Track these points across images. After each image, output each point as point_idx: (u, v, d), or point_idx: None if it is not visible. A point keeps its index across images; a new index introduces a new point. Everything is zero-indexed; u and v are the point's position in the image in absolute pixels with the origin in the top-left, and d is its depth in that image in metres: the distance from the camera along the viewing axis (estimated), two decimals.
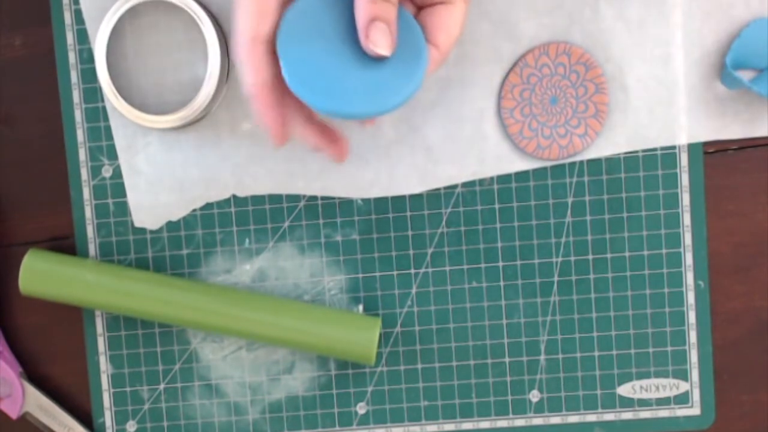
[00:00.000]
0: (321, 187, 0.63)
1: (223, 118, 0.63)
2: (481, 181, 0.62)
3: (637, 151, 0.62)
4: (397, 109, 0.53)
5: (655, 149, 0.62)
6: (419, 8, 0.53)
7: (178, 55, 0.62)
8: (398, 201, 0.63)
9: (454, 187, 0.63)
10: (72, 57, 0.63)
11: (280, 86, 0.52)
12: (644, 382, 0.63)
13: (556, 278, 0.63)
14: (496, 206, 0.63)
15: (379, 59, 0.51)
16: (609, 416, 0.63)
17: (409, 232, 0.63)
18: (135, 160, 0.63)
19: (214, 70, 0.60)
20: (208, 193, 0.63)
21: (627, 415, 0.63)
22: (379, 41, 0.50)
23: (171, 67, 0.62)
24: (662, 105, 0.61)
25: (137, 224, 0.63)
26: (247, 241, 0.63)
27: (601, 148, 0.62)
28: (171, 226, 0.63)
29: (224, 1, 0.62)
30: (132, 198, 0.63)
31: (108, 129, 0.63)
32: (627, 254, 0.62)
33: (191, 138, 0.63)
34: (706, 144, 0.62)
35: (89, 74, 0.63)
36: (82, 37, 0.62)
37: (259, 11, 0.50)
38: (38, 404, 0.64)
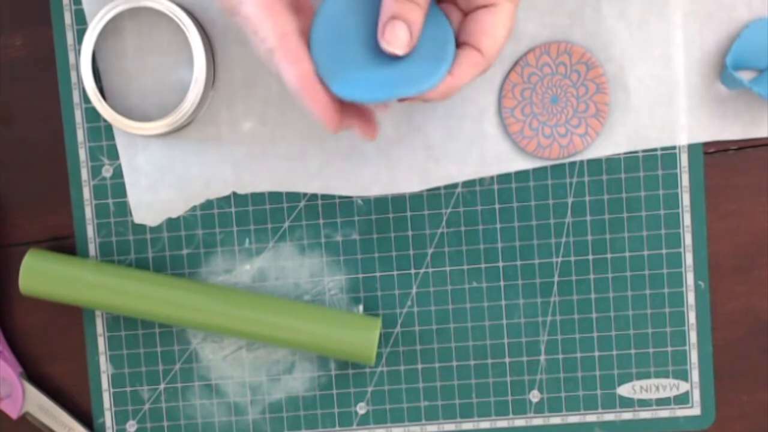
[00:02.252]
0: (321, 185, 0.63)
1: (224, 116, 0.63)
2: (482, 181, 0.62)
3: (637, 152, 0.62)
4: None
5: (655, 149, 0.62)
6: (465, 13, 0.54)
7: (164, 61, 0.62)
8: (398, 201, 0.63)
9: (455, 187, 0.63)
10: (72, 57, 0.63)
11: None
12: (644, 383, 0.63)
13: (556, 278, 0.63)
14: (496, 206, 0.63)
15: (398, 57, 0.51)
16: (609, 416, 0.63)
17: (410, 233, 0.63)
18: (136, 158, 0.63)
19: (199, 76, 0.60)
20: (208, 191, 0.63)
21: (627, 416, 0.63)
22: (394, 40, 0.50)
23: (157, 73, 0.62)
24: (662, 105, 0.61)
25: (137, 221, 0.63)
26: (247, 241, 0.63)
27: (602, 148, 0.62)
28: (171, 226, 0.63)
29: (209, 5, 0.62)
30: (132, 195, 0.63)
31: (108, 129, 0.63)
32: (627, 254, 0.62)
33: (192, 136, 0.63)
34: (706, 144, 0.62)
35: None
36: (83, 37, 0.62)
37: (270, 13, 0.50)
38: (38, 404, 0.64)
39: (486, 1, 0.53)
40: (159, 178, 0.63)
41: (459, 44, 0.53)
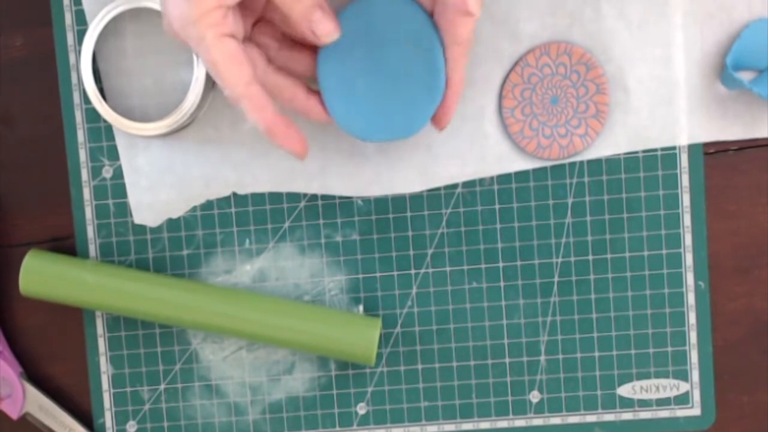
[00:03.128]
0: (321, 185, 0.63)
1: (225, 116, 0.63)
2: (482, 182, 0.62)
3: (637, 152, 0.62)
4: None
5: (655, 150, 0.62)
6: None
7: (164, 61, 0.62)
8: (398, 201, 0.63)
9: (455, 187, 0.63)
10: (72, 57, 0.63)
11: (274, 99, 0.55)
12: (644, 383, 0.63)
13: (556, 279, 0.63)
14: (497, 207, 0.63)
15: (405, 79, 0.56)
16: (609, 417, 0.63)
17: (410, 233, 0.63)
18: (136, 158, 0.63)
19: (200, 75, 0.60)
20: (208, 191, 0.63)
21: (627, 416, 0.63)
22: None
23: (157, 73, 0.62)
24: (663, 105, 0.61)
25: (137, 221, 0.63)
26: (247, 241, 0.63)
27: (602, 148, 0.62)
28: (171, 226, 0.63)
29: None
30: (132, 196, 0.63)
31: (108, 129, 0.63)
32: (627, 255, 0.62)
33: (192, 136, 0.63)
34: (706, 145, 0.62)
35: None
36: (83, 37, 0.62)
37: (236, 61, 0.52)
38: (39, 404, 0.64)
39: None
40: (159, 179, 0.63)
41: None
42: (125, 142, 0.63)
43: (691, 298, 0.62)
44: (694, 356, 0.63)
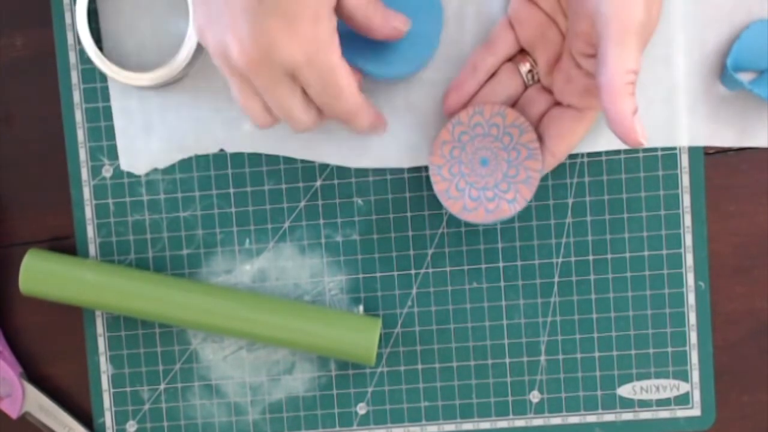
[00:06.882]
0: (312, 153, 0.62)
1: (218, 73, 0.62)
2: None
3: (637, 152, 0.62)
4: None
5: (655, 150, 0.62)
6: (555, 103, 0.58)
7: (160, 15, 0.62)
8: (399, 201, 0.63)
9: None
10: (72, 57, 0.63)
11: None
12: (644, 383, 0.63)
13: (556, 279, 0.63)
14: None
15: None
16: (609, 417, 0.63)
17: (410, 233, 0.63)
18: (128, 103, 0.62)
19: (192, 32, 0.59)
20: (197, 146, 0.62)
21: (627, 416, 0.63)
22: (643, 131, 0.51)
23: (153, 27, 0.62)
24: (661, 105, 0.61)
25: (124, 167, 0.63)
26: (247, 241, 0.63)
27: (599, 146, 0.62)
28: (171, 226, 0.63)
29: None
30: (121, 140, 0.63)
31: (108, 129, 0.63)
32: (627, 255, 0.62)
33: (186, 87, 0.62)
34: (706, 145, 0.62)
35: (90, 74, 0.63)
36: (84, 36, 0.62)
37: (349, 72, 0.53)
38: (38, 404, 0.64)
39: (577, 103, 0.56)
40: (150, 126, 0.62)
41: (539, 138, 0.58)
42: (118, 86, 0.62)
43: (691, 299, 0.62)
44: (694, 356, 0.63)
